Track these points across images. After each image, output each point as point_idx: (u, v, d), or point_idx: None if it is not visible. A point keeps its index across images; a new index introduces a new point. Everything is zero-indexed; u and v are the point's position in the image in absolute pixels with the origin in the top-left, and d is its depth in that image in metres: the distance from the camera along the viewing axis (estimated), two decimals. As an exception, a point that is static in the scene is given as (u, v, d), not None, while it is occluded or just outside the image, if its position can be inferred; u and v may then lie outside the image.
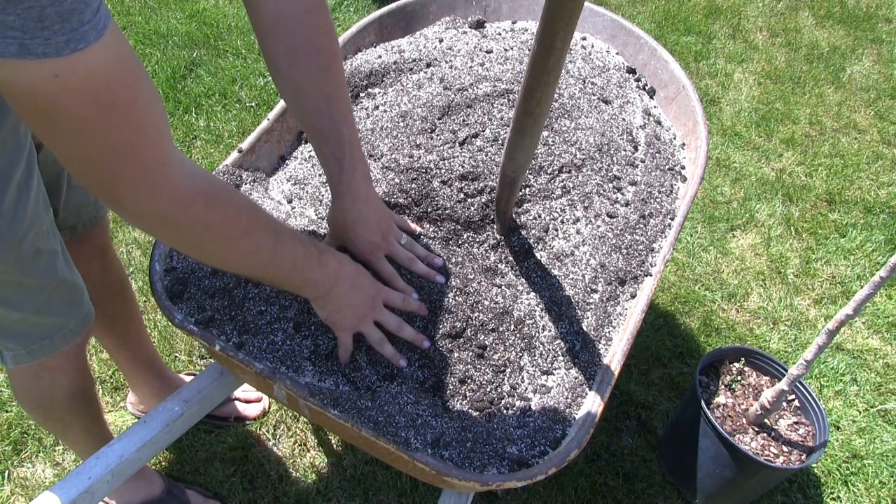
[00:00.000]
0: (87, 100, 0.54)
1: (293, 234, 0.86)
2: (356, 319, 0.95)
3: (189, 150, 2.32)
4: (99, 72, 0.53)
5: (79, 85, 0.52)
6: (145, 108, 0.59)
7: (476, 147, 1.16)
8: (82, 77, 0.52)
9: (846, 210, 2.36)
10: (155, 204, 0.65)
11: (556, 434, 0.95)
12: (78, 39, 0.50)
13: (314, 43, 0.90)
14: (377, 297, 0.97)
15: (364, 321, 0.95)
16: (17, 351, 1.02)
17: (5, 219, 0.85)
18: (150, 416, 1.08)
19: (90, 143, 0.57)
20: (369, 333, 0.96)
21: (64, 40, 0.49)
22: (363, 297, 0.95)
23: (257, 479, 1.57)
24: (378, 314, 0.96)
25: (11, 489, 1.52)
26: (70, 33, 0.50)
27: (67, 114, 0.54)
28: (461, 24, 1.51)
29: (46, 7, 0.48)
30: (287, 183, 1.21)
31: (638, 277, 1.13)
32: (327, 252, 0.91)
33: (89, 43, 0.51)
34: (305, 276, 0.87)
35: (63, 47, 0.50)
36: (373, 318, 0.96)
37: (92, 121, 0.55)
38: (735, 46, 3.04)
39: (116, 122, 0.57)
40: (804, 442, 1.45)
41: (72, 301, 1.03)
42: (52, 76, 0.51)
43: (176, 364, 1.78)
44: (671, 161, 1.32)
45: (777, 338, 1.96)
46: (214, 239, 0.74)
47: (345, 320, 0.94)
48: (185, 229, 0.71)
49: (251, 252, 0.79)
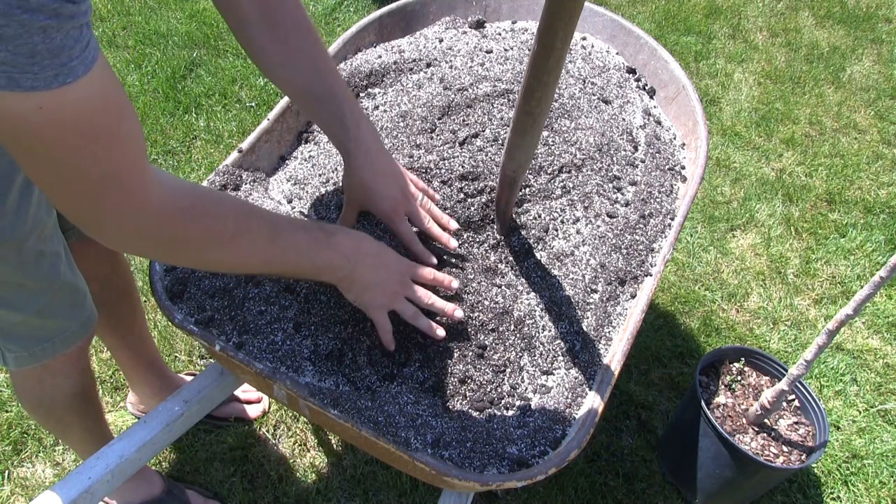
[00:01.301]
0: (71, 131, 0.55)
1: (294, 224, 0.86)
2: (387, 298, 0.92)
3: (189, 150, 2.32)
4: (84, 104, 0.54)
5: (64, 117, 0.53)
6: (127, 137, 0.60)
7: (476, 147, 1.16)
8: (67, 109, 0.53)
9: (846, 210, 2.36)
10: (136, 227, 0.66)
11: (556, 434, 0.95)
12: (66, 74, 0.51)
13: (290, 16, 0.92)
14: (405, 272, 0.94)
15: (396, 298, 0.93)
16: (19, 353, 1.02)
17: (7, 221, 0.85)
18: (150, 416, 1.08)
19: (72, 173, 0.58)
20: (403, 309, 0.94)
21: (53, 74, 0.51)
22: (390, 273, 0.93)
23: (257, 479, 1.57)
24: (408, 290, 0.94)
25: (11, 489, 1.52)
26: (59, 68, 0.51)
27: (51, 144, 0.55)
28: (461, 24, 1.51)
29: (38, 44, 0.49)
30: (287, 183, 1.21)
31: (638, 277, 1.13)
32: (339, 233, 0.90)
33: (77, 77, 0.52)
34: (315, 262, 0.86)
35: (51, 81, 0.51)
36: (404, 295, 0.94)
37: (75, 151, 0.56)
38: (735, 46, 3.04)
39: (99, 153, 0.58)
40: (804, 442, 1.45)
41: (74, 304, 1.03)
42: (36, 108, 0.51)
43: (176, 364, 1.78)
44: (671, 161, 1.32)
45: (777, 338, 1.96)
46: (203, 249, 0.75)
47: (375, 299, 0.92)
48: (174, 245, 0.72)
49: (247, 253, 0.79)
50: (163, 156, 2.29)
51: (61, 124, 0.54)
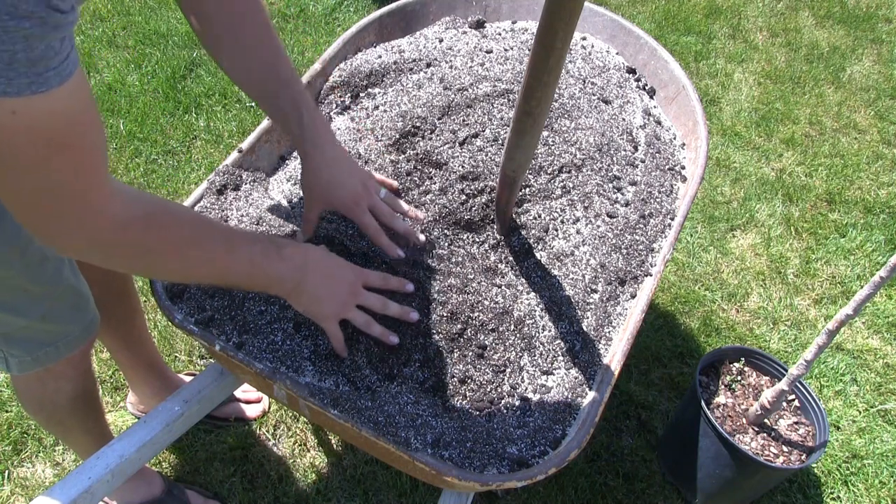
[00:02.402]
0: (40, 139, 0.55)
1: (247, 237, 0.87)
2: (337, 307, 0.92)
3: (189, 150, 2.32)
4: (56, 114, 0.55)
5: (34, 124, 0.54)
6: (93, 149, 0.61)
7: (476, 147, 1.16)
8: (39, 118, 0.54)
9: (846, 210, 2.36)
10: (94, 236, 0.67)
11: (556, 434, 0.95)
12: (40, 83, 0.52)
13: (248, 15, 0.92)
14: (356, 281, 0.94)
15: (346, 307, 0.93)
16: (22, 358, 1.02)
17: (11, 224, 0.85)
18: (150, 416, 1.07)
19: (35, 182, 0.59)
20: (354, 318, 0.94)
21: (27, 82, 0.51)
22: (339, 283, 0.93)
23: (257, 479, 1.57)
24: (360, 298, 0.94)
25: (11, 489, 1.52)
26: (34, 77, 0.51)
27: (19, 151, 0.55)
28: (461, 24, 1.51)
29: (18, 52, 0.49)
30: (287, 183, 1.21)
31: (638, 277, 1.13)
32: (288, 246, 0.90)
33: (51, 87, 0.53)
34: (268, 273, 0.86)
35: (24, 88, 0.51)
36: (355, 303, 0.94)
37: (41, 160, 0.57)
38: (735, 46, 3.04)
39: (64, 163, 0.59)
40: (804, 442, 1.45)
41: (77, 308, 1.03)
42: (9, 112, 0.52)
43: (176, 364, 1.78)
44: (671, 161, 1.32)
45: (777, 338, 1.96)
46: (161, 256, 0.75)
47: (325, 309, 0.92)
48: (127, 255, 0.73)
49: (204, 262, 0.80)
50: (163, 156, 2.29)
51: (31, 132, 0.54)
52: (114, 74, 2.55)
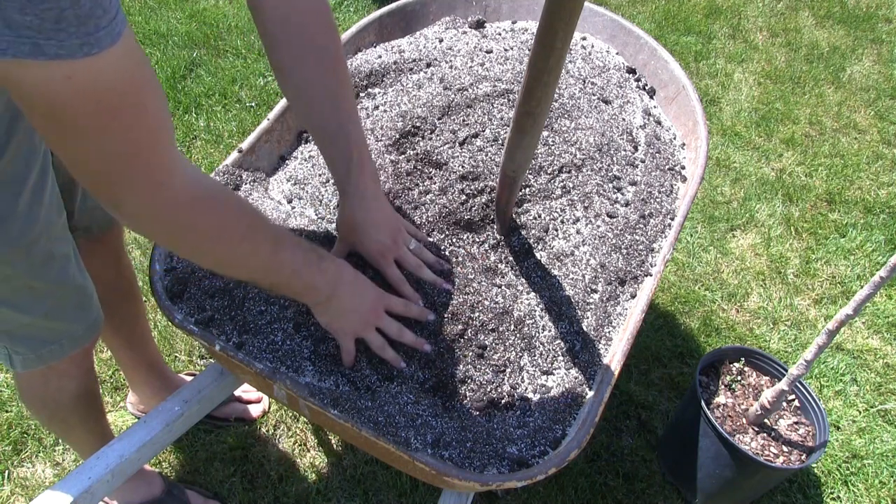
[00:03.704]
0: (97, 103, 0.54)
1: (294, 241, 0.86)
2: (359, 325, 0.94)
3: (189, 150, 2.32)
4: (110, 76, 0.53)
5: (90, 88, 0.52)
6: (154, 112, 0.59)
7: (476, 147, 1.16)
8: (94, 81, 0.52)
9: (846, 210, 2.36)
10: (155, 207, 0.65)
11: (556, 434, 0.95)
12: (92, 44, 0.50)
13: (320, 44, 0.91)
14: (379, 303, 0.96)
15: (366, 327, 0.95)
16: (26, 355, 1.02)
17: (17, 223, 0.85)
18: (150, 416, 1.08)
19: (97, 146, 0.57)
20: (371, 339, 0.96)
21: (78, 44, 0.49)
22: (364, 303, 0.94)
23: (257, 479, 1.57)
24: (380, 321, 0.96)
25: (11, 489, 1.52)
26: (85, 37, 0.49)
27: (76, 116, 0.54)
28: (461, 24, 1.51)
29: (66, 9, 0.47)
30: (287, 183, 1.21)
31: (638, 277, 1.13)
32: (327, 258, 0.91)
33: (103, 48, 0.51)
34: (305, 281, 0.87)
35: (76, 50, 0.49)
36: (375, 325, 0.95)
37: (100, 124, 0.55)
38: (735, 46, 3.04)
39: (124, 127, 0.57)
40: (804, 442, 1.45)
41: (82, 306, 1.03)
42: (64, 78, 0.50)
43: (176, 364, 1.78)
44: (671, 161, 1.32)
45: (777, 338, 1.96)
46: (212, 243, 0.75)
47: (347, 325, 0.94)
48: (183, 232, 0.71)
49: (250, 256, 0.79)
50: (163, 156, 2.29)
51: (88, 96, 0.53)
52: (114, 74, 2.55)
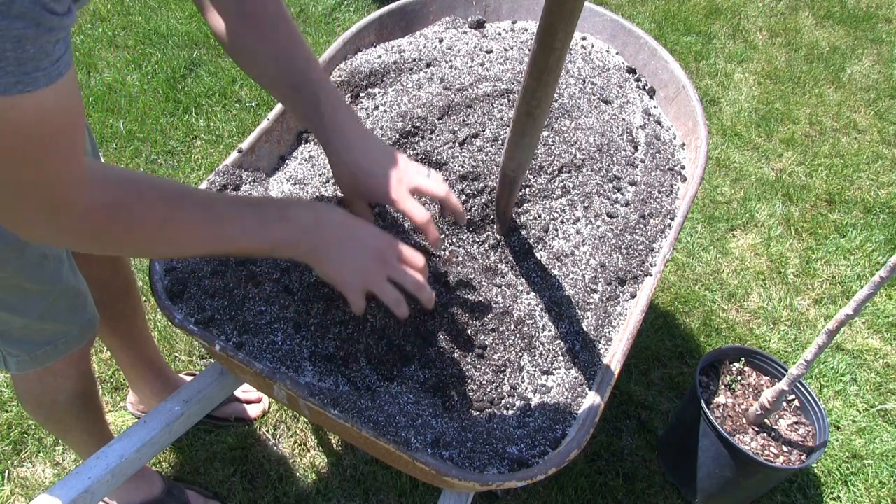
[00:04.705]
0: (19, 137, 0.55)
1: (238, 202, 0.81)
2: (362, 277, 0.82)
3: (189, 150, 2.32)
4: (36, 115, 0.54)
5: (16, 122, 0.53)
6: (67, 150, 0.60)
7: (476, 147, 1.16)
8: (20, 116, 0.53)
9: (846, 210, 2.36)
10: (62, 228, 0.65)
11: (556, 434, 0.95)
12: (27, 83, 0.51)
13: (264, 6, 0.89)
14: (386, 250, 0.84)
15: (374, 278, 0.82)
16: (20, 356, 1.02)
17: None
18: (150, 416, 1.07)
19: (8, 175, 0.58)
20: (384, 293, 0.83)
21: (14, 81, 0.51)
22: (364, 250, 0.83)
23: (257, 479, 1.57)
24: (392, 269, 0.83)
25: (11, 489, 1.52)
26: (22, 76, 0.51)
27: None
28: (461, 24, 1.51)
29: (8, 51, 0.49)
30: (287, 183, 1.21)
31: (638, 277, 1.13)
32: (294, 206, 0.82)
33: (38, 87, 0.52)
34: (268, 238, 0.79)
35: (10, 87, 0.51)
36: (385, 275, 0.83)
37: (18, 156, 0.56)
38: (735, 46, 3.04)
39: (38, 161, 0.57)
40: (804, 442, 1.45)
41: (76, 307, 1.03)
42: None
43: (176, 364, 1.78)
44: (671, 161, 1.32)
45: (777, 338, 1.96)
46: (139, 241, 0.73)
47: (347, 277, 0.82)
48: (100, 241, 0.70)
49: (185, 237, 0.75)
50: (163, 156, 2.29)
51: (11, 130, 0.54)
52: (114, 74, 2.55)
